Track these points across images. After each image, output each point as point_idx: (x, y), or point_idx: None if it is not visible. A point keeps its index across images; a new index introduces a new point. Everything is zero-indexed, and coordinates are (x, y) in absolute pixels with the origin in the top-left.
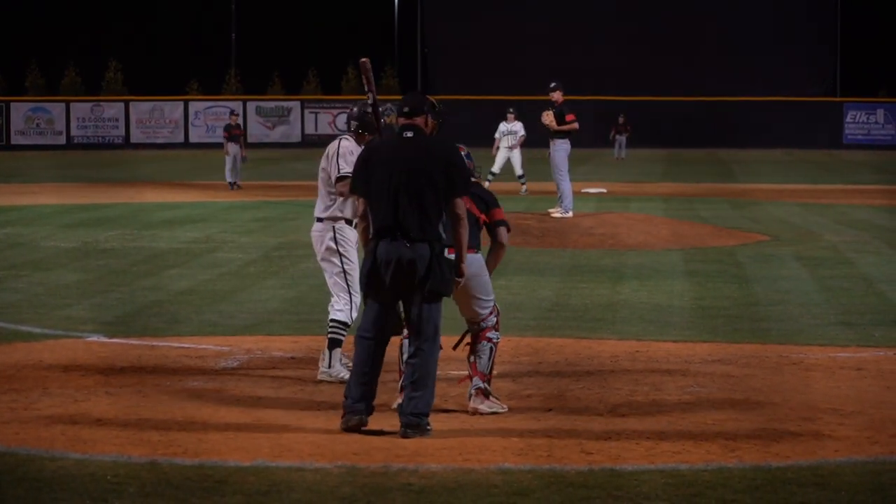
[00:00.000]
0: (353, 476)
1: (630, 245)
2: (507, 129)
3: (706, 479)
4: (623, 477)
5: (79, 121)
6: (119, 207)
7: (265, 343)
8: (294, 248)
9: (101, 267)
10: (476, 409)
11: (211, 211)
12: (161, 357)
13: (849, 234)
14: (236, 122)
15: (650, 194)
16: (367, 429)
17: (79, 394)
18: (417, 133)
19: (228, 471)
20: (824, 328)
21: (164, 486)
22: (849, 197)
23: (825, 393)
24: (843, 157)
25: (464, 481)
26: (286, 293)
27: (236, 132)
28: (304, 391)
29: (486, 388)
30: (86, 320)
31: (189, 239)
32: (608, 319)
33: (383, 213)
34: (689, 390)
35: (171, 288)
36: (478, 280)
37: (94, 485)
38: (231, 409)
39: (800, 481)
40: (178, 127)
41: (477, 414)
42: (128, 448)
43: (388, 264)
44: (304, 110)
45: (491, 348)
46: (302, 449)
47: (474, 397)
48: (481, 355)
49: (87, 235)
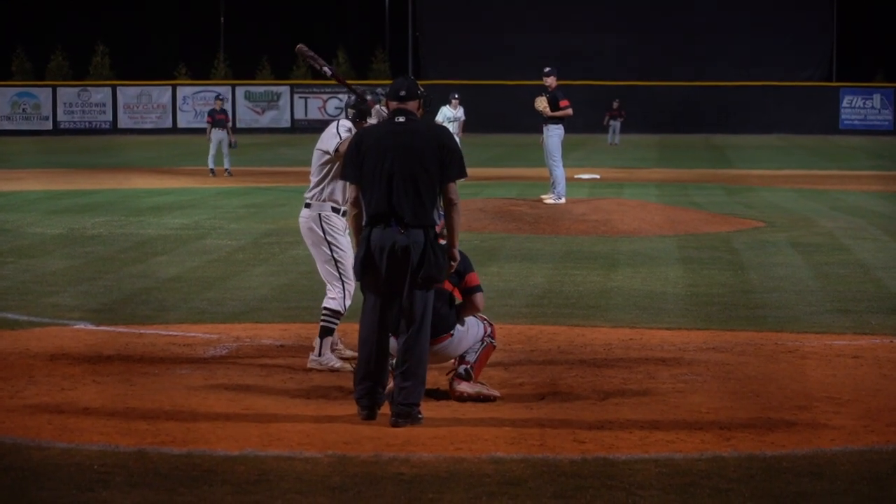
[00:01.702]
0: (343, 465)
1: (623, 231)
2: (451, 115)
3: (700, 469)
4: (616, 466)
5: (65, 106)
6: (106, 193)
7: (254, 331)
8: (284, 235)
9: (88, 254)
10: (461, 392)
11: (199, 197)
12: (149, 345)
13: (845, 221)
14: (221, 107)
15: (644, 180)
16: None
17: (65, 382)
18: (410, 117)
19: (217, 460)
20: (820, 315)
21: (152, 476)
22: (845, 183)
23: (821, 381)
24: (839, 143)
25: (455, 471)
26: (276, 280)
27: (221, 117)
28: (294, 379)
29: (469, 371)
30: (72, 308)
31: (177, 225)
32: (601, 307)
33: (377, 200)
34: (684, 378)
35: (159, 275)
36: (457, 346)
37: (80, 474)
38: (220, 398)
39: (795, 471)
40: (166, 112)
41: (464, 397)
42: (115, 437)
43: (382, 251)
44: (294, 95)
45: (485, 344)
46: (291, 438)
47: (454, 381)
48: (473, 350)
49: (73, 222)
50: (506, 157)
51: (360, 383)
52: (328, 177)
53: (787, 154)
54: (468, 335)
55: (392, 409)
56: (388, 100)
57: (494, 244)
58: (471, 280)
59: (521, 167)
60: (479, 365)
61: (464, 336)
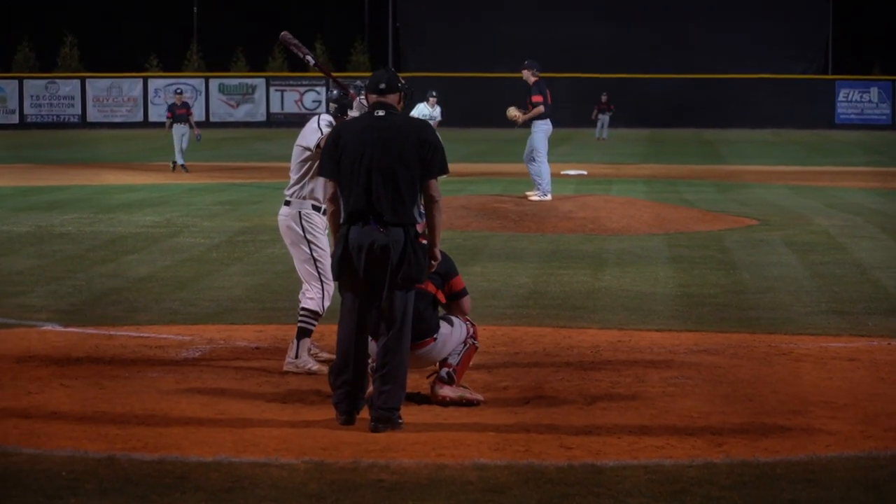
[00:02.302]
0: (320, 472)
1: (611, 230)
2: (428, 114)
3: (691, 476)
4: (604, 473)
5: (32, 99)
6: (75, 190)
7: (228, 332)
8: (259, 233)
9: (57, 252)
10: (443, 397)
11: (172, 193)
12: (119, 347)
13: (841, 218)
14: (182, 101)
15: (633, 176)
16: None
17: (32, 386)
18: (390, 111)
19: (190, 466)
20: (815, 317)
21: (123, 483)
22: (841, 179)
23: (816, 385)
24: (835, 138)
25: (437, 477)
26: (251, 280)
27: (182, 112)
28: (270, 383)
29: (451, 374)
30: (40, 308)
31: (149, 223)
32: (588, 308)
33: (355, 196)
34: (674, 382)
35: (130, 274)
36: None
37: (48, 481)
38: (193, 402)
39: (789, 477)
40: (136, 105)
41: (446, 401)
42: (84, 443)
43: (361, 250)
44: (270, 88)
45: (468, 346)
46: (267, 443)
47: (436, 385)
48: (456, 352)
49: (41, 219)
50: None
51: (339, 387)
52: (309, 174)
53: (781, 149)
54: (452, 338)
55: (371, 414)
56: (367, 93)
57: (477, 243)
58: (456, 284)
59: (506, 163)
60: (461, 368)
61: (448, 339)
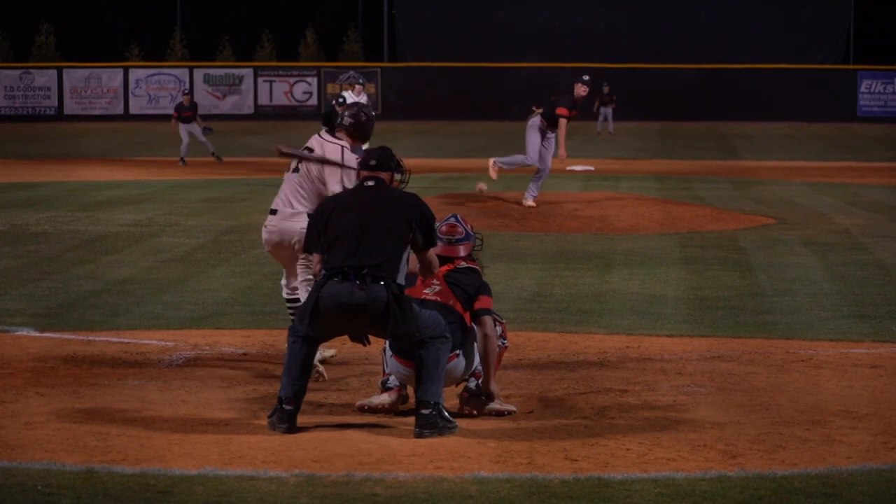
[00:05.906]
0: (311, 486)
1: (620, 229)
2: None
3: (704, 489)
4: (611, 486)
5: (6, 90)
6: (51, 187)
7: (214, 338)
8: (246, 232)
9: (32, 253)
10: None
11: (154, 190)
12: (98, 353)
13: (863, 217)
14: (189, 101)
15: (642, 172)
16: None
17: (6, 394)
18: (379, 183)
19: (173, 479)
20: (836, 321)
21: (102, 497)
22: (863, 175)
23: (836, 393)
24: (857, 131)
25: (435, 491)
26: (237, 282)
27: (187, 115)
28: (258, 391)
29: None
30: (14, 312)
31: (130, 222)
32: (595, 311)
33: (344, 253)
34: (685, 390)
35: (110, 276)
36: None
37: (23, 495)
38: (176, 412)
39: (808, 491)
40: (116, 97)
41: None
42: (61, 455)
43: (335, 307)
44: (258, 78)
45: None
46: (255, 455)
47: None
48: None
49: (15, 218)
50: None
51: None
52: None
53: (799, 144)
54: (475, 353)
55: (417, 418)
56: (359, 169)
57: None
58: (483, 302)
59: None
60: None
61: (471, 352)
